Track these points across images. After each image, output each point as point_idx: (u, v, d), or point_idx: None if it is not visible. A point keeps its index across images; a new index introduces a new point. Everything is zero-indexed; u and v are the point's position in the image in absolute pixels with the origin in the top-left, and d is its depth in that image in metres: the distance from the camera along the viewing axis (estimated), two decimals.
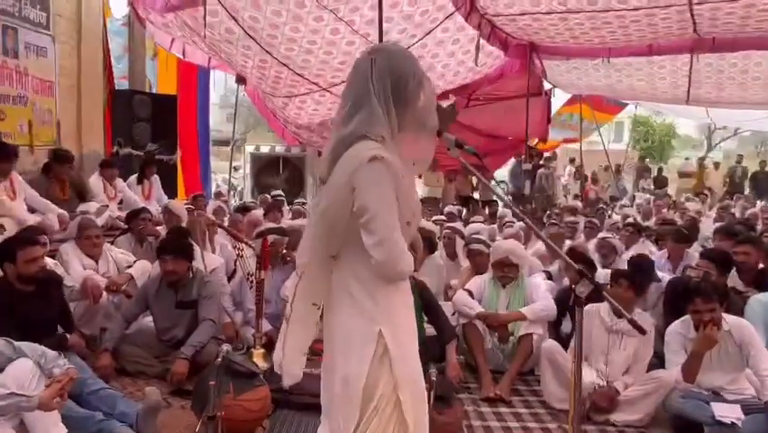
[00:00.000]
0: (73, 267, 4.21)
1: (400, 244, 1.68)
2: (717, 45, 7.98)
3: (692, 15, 6.89)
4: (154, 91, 9.01)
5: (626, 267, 4.29)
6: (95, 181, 6.06)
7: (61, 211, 5.07)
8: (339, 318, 1.78)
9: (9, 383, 2.47)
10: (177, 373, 3.67)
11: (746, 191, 14.86)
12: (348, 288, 1.76)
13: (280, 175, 11.26)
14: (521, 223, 6.02)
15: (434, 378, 2.95)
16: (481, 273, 4.57)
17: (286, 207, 8.01)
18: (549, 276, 5.04)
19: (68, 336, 3.62)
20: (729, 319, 3.51)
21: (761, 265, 4.63)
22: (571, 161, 16.25)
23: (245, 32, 7.43)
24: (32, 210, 4.94)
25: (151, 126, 7.68)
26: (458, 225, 6.48)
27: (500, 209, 8.65)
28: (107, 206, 5.72)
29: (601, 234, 5.99)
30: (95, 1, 7.51)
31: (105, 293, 4.11)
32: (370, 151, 1.64)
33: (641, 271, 3.74)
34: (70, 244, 4.43)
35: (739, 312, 3.79)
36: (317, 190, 1.85)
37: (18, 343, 2.68)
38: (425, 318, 3.95)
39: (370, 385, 1.70)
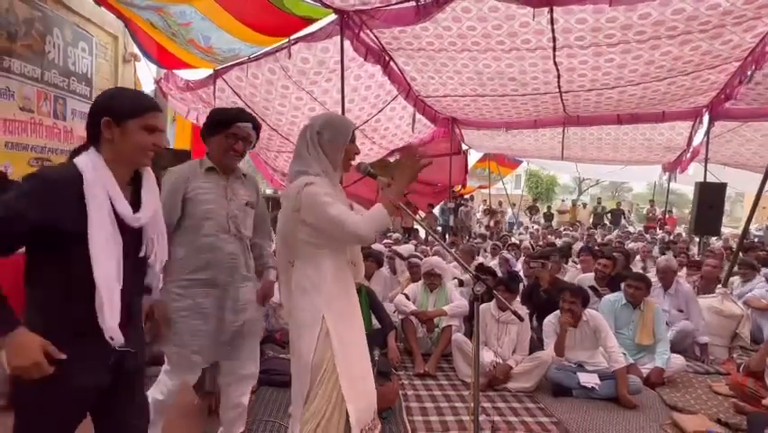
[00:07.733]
0: None
1: (347, 217, 1.63)
2: (580, 120, 8.44)
3: (562, 101, 7.29)
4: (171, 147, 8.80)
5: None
6: None
7: None
8: (296, 309, 1.75)
9: None
10: None
11: (605, 222, 15.40)
12: (302, 285, 1.74)
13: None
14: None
15: (377, 358, 2.95)
16: (416, 281, 4.58)
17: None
18: (460, 282, 5.05)
19: None
20: (588, 312, 3.65)
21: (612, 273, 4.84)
22: (484, 201, 16.59)
23: (245, 104, 7.43)
24: None
25: None
26: (398, 248, 6.46)
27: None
28: None
29: (503, 252, 6.22)
30: (128, 81, 7.42)
31: None
32: (305, 180, 1.69)
33: (512, 280, 3.90)
34: None
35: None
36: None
37: None
38: (372, 315, 3.93)
39: (317, 359, 1.67)
